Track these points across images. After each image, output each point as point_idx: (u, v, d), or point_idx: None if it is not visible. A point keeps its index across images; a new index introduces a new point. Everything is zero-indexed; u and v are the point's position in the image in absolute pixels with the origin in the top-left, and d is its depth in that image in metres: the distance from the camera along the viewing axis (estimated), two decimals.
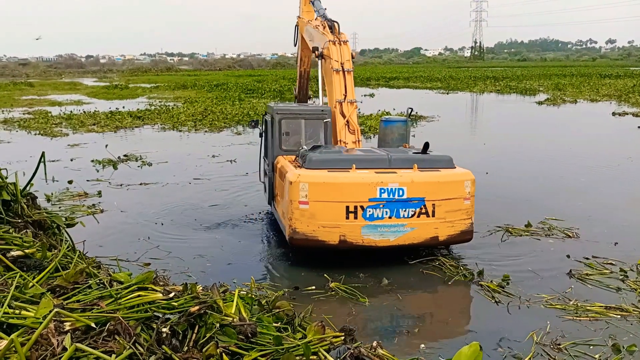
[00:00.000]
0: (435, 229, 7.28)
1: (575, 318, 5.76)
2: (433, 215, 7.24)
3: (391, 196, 7.08)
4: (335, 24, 10.18)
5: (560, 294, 6.34)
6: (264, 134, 9.76)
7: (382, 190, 7.05)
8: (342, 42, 9.80)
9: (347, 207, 7.01)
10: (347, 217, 7.02)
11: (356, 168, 7.24)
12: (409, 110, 10.31)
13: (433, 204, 7.22)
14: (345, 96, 9.30)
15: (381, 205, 7.06)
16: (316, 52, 10.11)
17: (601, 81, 48.09)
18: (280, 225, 8.06)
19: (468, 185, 7.41)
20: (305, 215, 7.02)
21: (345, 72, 9.50)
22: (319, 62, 10.17)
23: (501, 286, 6.54)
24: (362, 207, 7.03)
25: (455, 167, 7.64)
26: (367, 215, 7.05)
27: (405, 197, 7.12)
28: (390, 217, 7.10)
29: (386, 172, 7.26)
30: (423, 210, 7.20)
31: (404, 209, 7.13)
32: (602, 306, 5.99)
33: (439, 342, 5.47)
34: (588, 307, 5.98)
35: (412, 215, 7.17)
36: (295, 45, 13.59)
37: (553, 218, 9.28)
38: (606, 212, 9.84)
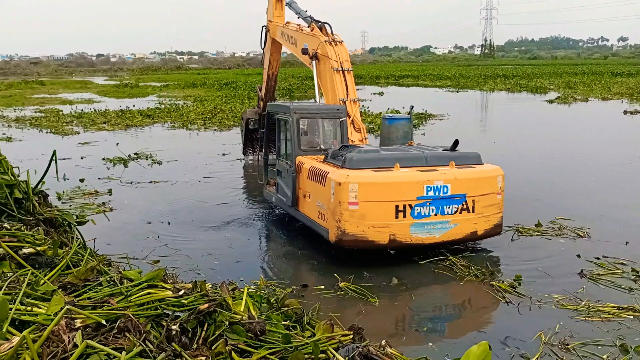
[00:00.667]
0: (474, 224, 7.47)
1: (587, 319, 5.71)
2: (473, 211, 7.43)
3: (437, 194, 7.19)
4: (326, 25, 10.28)
5: (571, 294, 6.29)
6: (276, 134, 9.50)
7: (429, 188, 7.15)
8: (337, 42, 9.87)
9: (397, 206, 7.06)
10: (397, 216, 7.08)
11: (401, 167, 7.30)
12: (411, 107, 10.34)
13: (473, 200, 7.41)
14: (348, 95, 9.31)
15: (428, 203, 7.16)
16: (307, 53, 10.15)
17: (613, 79, 47.68)
18: (312, 226, 7.88)
19: (500, 180, 7.68)
20: (355, 216, 7.01)
21: (345, 72, 9.54)
22: (313, 63, 10.16)
23: (512, 286, 6.50)
24: (410, 205, 7.10)
25: (483, 163, 7.83)
26: (415, 214, 7.14)
27: (449, 194, 7.26)
28: (435, 215, 7.23)
29: (429, 170, 7.36)
30: (464, 207, 7.37)
31: (448, 206, 7.28)
32: (614, 307, 5.93)
33: (447, 342, 5.45)
34: (600, 308, 5.92)
35: (455, 212, 7.33)
36: (262, 48, 13.78)
37: (563, 217, 9.22)
38: (617, 212, 9.75)
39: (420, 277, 6.93)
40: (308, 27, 10.87)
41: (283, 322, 3.66)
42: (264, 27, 13.38)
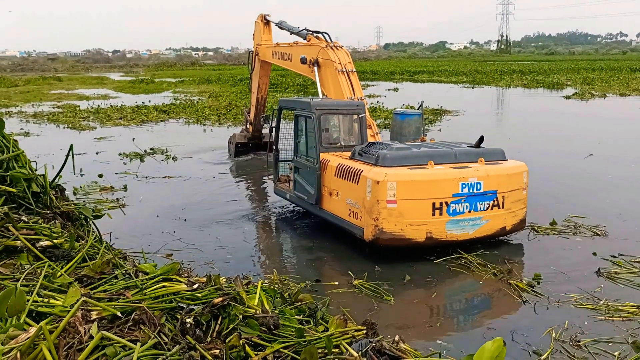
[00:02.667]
0: (504, 220, 7.57)
1: (607, 318, 5.64)
2: (503, 207, 7.50)
3: (471, 190, 7.24)
4: (325, 34, 10.55)
5: (589, 294, 6.22)
6: (295, 130, 9.33)
7: (464, 185, 7.19)
8: (338, 48, 10.13)
9: (434, 204, 7.09)
10: (434, 214, 7.11)
11: (435, 164, 7.32)
12: (421, 102, 10.32)
13: (503, 196, 7.48)
14: (354, 94, 9.38)
15: (462, 200, 7.20)
16: (306, 62, 10.44)
17: (631, 75, 46.96)
18: (341, 224, 7.79)
19: (525, 176, 7.80)
20: (393, 215, 7.01)
21: (349, 73, 9.64)
22: (315, 69, 10.29)
23: (531, 285, 6.44)
24: (446, 202, 7.14)
25: (507, 159, 7.90)
26: (451, 211, 7.18)
27: (482, 190, 7.32)
28: (469, 211, 7.28)
29: (462, 166, 7.39)
30: (495, 203, 7.44)
31: (480, 202, 7.35)
32: (633, 306, 5.86)
33: (462, 338, 5.43)
34: (619, 307, 5.85)
35: (487, 208, 7.40)
36: (251, 73, 13.95)
37: (577, 215, 9.09)
38: (636, 210, 9.62)
39: (436, 275, 6.90)
40: (305, 39, 11.06)
41: (296, 317, 3.66)
42: (251, 52, 13.67)
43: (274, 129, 9.79)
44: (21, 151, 4.29)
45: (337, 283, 6.52)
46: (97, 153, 15.14)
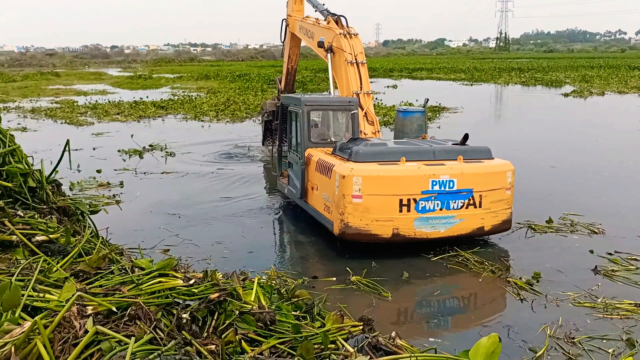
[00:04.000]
0: (481, 220, 7.40)
1: (605, 316, 5.64)
2: (480, 206, 7.35)
3: (442, 188, 7.13)
4: (342, 17, 10.24)
5: (586, 292, 6.22)
6: (288, 126, 9.50)
7: (434, 183, 7.09)
8: (352, 35, 9.82)
9: (401, 200, 7.02)
10: (400, 210, 7.04)
11: (405, 160, 7.25)
12: (425, 100, 10.25)
13: (480, 195, 7.33)
14: (362, 87, 9.28)
15: (433, 198, 7.10)
16: (323, 46, 10.14)
17: (630, 73, 46.98)
18: (319, 219, 7.91)
19: (509, 175, 7.56)
20: (358, 209, 6.99)
21: (359, 64, 9.49)
22: (328, 55, 10.15)
23: (530, 283, 6.42)
24: (414, 199, 7.06)
25: (493, 158, 7.74)
26: (420, 208, 7.09)
27: (455, 188, 7.18)
28: (441, 209, 7.17)
29: (435, 164, 7.28)
30: (471, 202, 7.30)
31: (454, 201, 7.21)
32: (631, 303, 5.85)
33: (458, 334, 5.44)
34: (617, 305, 5.84)
35: (462, 207, 7.26)
36: (282, 42, 13.81)
37: (573, 213, 9.08)
38: (633, 207, 9.63)
39: (434, 273, 6.89)
40: (325, 20, 10.87)
41: (293, 313, 3.67)
42: (284, 21, 13.42)
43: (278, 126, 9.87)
44: (17, 146, 4.28)
45: (334, 279, 6.52)
46: (94, 149, 15.10)
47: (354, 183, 6.93)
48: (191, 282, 3.26)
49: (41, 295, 2.86)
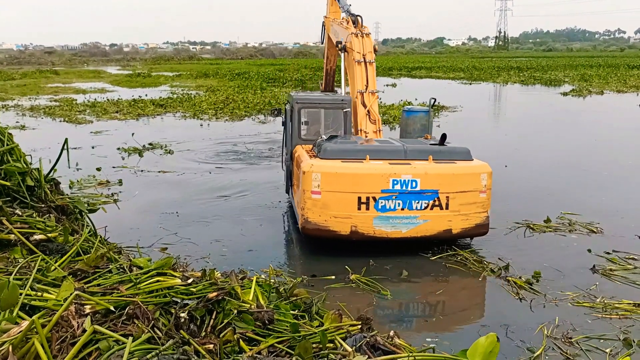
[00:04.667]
0: (448, 222, 7.20)
1: (604, 316, 5.64)
2: (447, 208, 7.16)
3: (404, 188, 7.02)
4: (359, 17, 10.24)
5: (585, 291, 6.22)
6: (286, 123, 9.70)
7: (395, 182, 7.00)
8: (364, 35, 9.85)
9: (359, 198, 6.99)
10: (359, 208, 7.00)
11: (370, 159, 7.20)
12: (432, 100, 10.24)
13: (447, 196, 7.13)
14: (367, 87, 9.31)
15: (394, 197, 7.01)
16: (339, 45, 10.24)
17: (629, 72, 47.01)
18: (295, 213, 8.12)
19: (484, 178, 7.29)
20: (317, 205, 7.03)
21: (367, 63, 9.53)
22: (342, 55, 10.26)
23: (529, 283, 6.41)
24: (374, 198, 6.99)
25: (472, 160, 7.54)
26: (379, 207, 7.02)
27: (418, 188, 7.05)
28: (402, 209, 7.06)
29: (400, 163, 7.20)
30: (436, 203, 7.12)
31: (416, 201, 7.07)
32: (630, 303, 5.86)
33: (457, 334, 5.45)
34: (616, 305, 5.84)
35: (425, 208, 7.11)
36: (322, 44, 13.87)
37: (569, 212, 9.07)
38: (631, 207, 9.64)
39: (432, 272, 6.90)
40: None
41: (291, 312, 3.66)
42: (323, 23, 13.54)
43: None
44: (15, 144, 4.27)
45: (333, 277, 6.52)
46: (93, 147, 15.09)
47: (313, 179, 6.97)
48: (189, 281, 3.26)
49: (39, 294, 2.86)
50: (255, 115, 22.47)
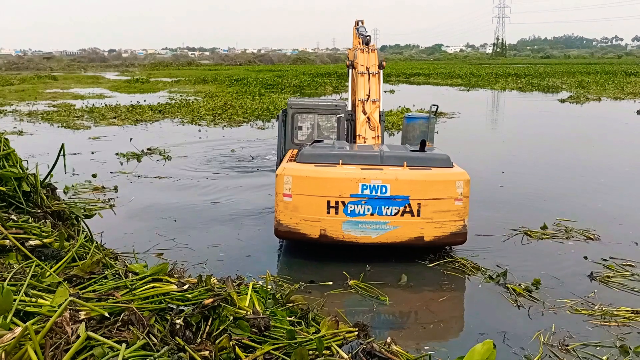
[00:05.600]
0: (420, 229, 7.13)
1: (603, 324, 5.62)
2: (418, 215, 7.08)
3: (373, 193, 7.02)
4: (368, 37, 10.69)
5: (583, 299, 6.21)
6: (279, 127, 9.91)
7: (364, 187, 7.00)
8: (370, 50, 10.20)
9: (328, 202, 7.04)
10: (328, 212, 7.06)
11: (344, 164, 7.26)
12: (434, 107, 10.25)
13: (418, 203, 7.06)
14: (369, 96, 9.50)
15: (363, 202, 7.02)
16: (347, 62, 10.66)
17: (626, 79, 47.16)
18: None
19: (460, 185, 7.14)
20: (288, 208, 7.11)
21: (370, 75, 9.78)
22: (350, 71, 10.55)
23: (528, 290, 6.39)
24: (343, 202, 7.03)
25: (452, 167, 7.43)
26: (348, 211, 7.05)
27: (388, 194, 7.02)
28: (372, 214, 7.06)
29: (372, 168, 7.20)
30: (407, 209, 7.07)
31: (386, 207, 7.05)
32: (628, 310, 5.85)
33: (455, 340, 5.43)
34: (615, 312, 5.83)
35: (396, 214, 7.06)
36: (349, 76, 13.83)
37: (564, 219, 9.06)
38: (628, 213, 9.65)
39: (430, 278, 6.88)
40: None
41: (288, 318, 3.65)
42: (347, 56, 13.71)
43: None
44: (12, 150, 4.26)
45: (331, 283, 6.50)
46: (92, 153, 15.08)
47: (285, 182, 7.07)
48: (185, 287, 3.24)
49: (33, 300, 2.84)
50: (253, 121, 22.47)
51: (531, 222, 8.87)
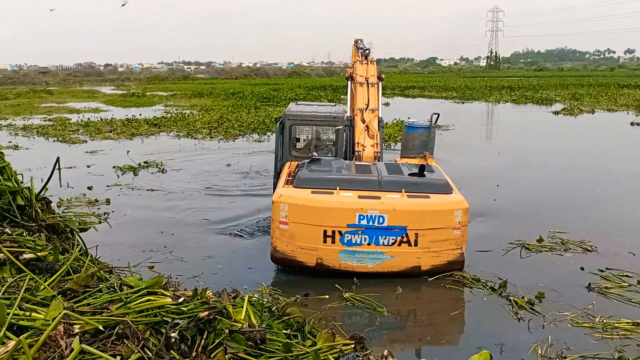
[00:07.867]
0: (417, 259, 7.03)
1: (604, 336, 5.60)
2: (415, 245, 6.96)
3: (370, 223, 6.89)
4: (367, 50, 10.83)
5: (582, 310, 6.19)
6: (276, 137, 9.79)
7: (362, 217, 6.87)
8: (368, 62, 10.31)
9: (325, 231, 6.94)
10: (325, 241, 6.95)
11: (340, 189, 7.11)
12: (435, 116, 10.04)
13: (416, 233, 6.93)
14: (368, 105, 9.53)
15: (360, 232, 6.91)
16: (346, 74, 10.75)
17: (619, 91, 47.51)
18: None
19: (459, 214, 6.99)
20: (285, 235, 7.03)
21: (370, 85, 9.82)
22: (348, 83, 10.60)
23: (531, 303, 6.34)
24: (339, 232, 6.93)
25: (451, 192, 7.29)
26: (345, 241, 6.94)
27: (385, 224, 6.89)
28: (369, 244, 6.95)
29: (369, 197, 7.03)
30: (404, 239, 6.94)
31: (383, 237, 6.92)
32: (629, 322, 5.83)
33: (452, 352, 5.40)
34: (616, 325, 5.80)
35: (393, 244, 6.95)
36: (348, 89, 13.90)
37: (559, 231, 9.05)
38: (624, 224, 9.67)
39: (429, 290, 6.87)
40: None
41: (284, 331, 3.62)
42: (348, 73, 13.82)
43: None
44: (7, 163, 4.24)
45: (327, 296, 6.47)
46: (88, 166, 15.05)
47: (281, 210, 6.97)
48: (180, 300, 3.22)
49: (27, 313, 2.81)
50: (249, 135, 22.49)
51: (527, 235, 8.86)
